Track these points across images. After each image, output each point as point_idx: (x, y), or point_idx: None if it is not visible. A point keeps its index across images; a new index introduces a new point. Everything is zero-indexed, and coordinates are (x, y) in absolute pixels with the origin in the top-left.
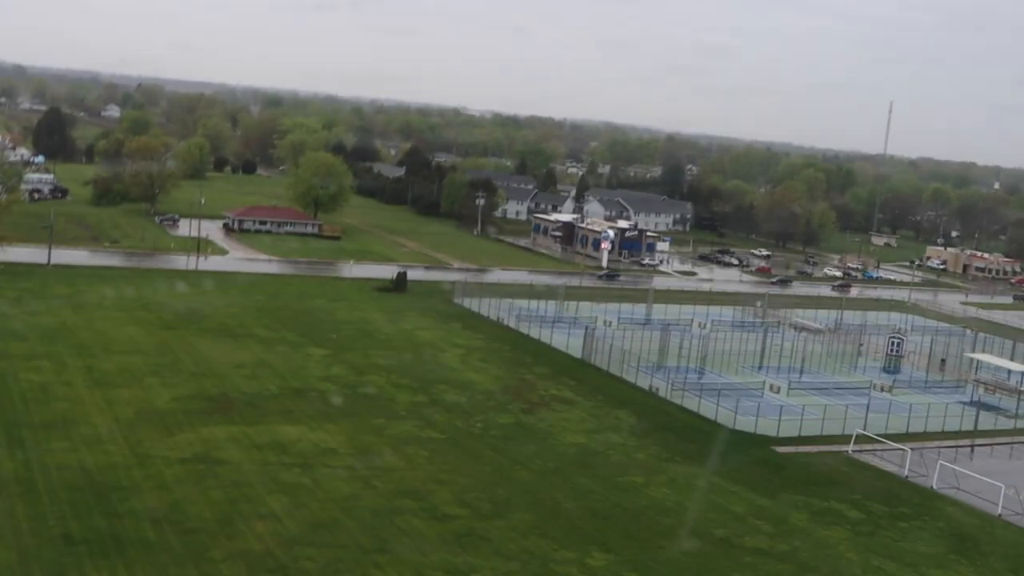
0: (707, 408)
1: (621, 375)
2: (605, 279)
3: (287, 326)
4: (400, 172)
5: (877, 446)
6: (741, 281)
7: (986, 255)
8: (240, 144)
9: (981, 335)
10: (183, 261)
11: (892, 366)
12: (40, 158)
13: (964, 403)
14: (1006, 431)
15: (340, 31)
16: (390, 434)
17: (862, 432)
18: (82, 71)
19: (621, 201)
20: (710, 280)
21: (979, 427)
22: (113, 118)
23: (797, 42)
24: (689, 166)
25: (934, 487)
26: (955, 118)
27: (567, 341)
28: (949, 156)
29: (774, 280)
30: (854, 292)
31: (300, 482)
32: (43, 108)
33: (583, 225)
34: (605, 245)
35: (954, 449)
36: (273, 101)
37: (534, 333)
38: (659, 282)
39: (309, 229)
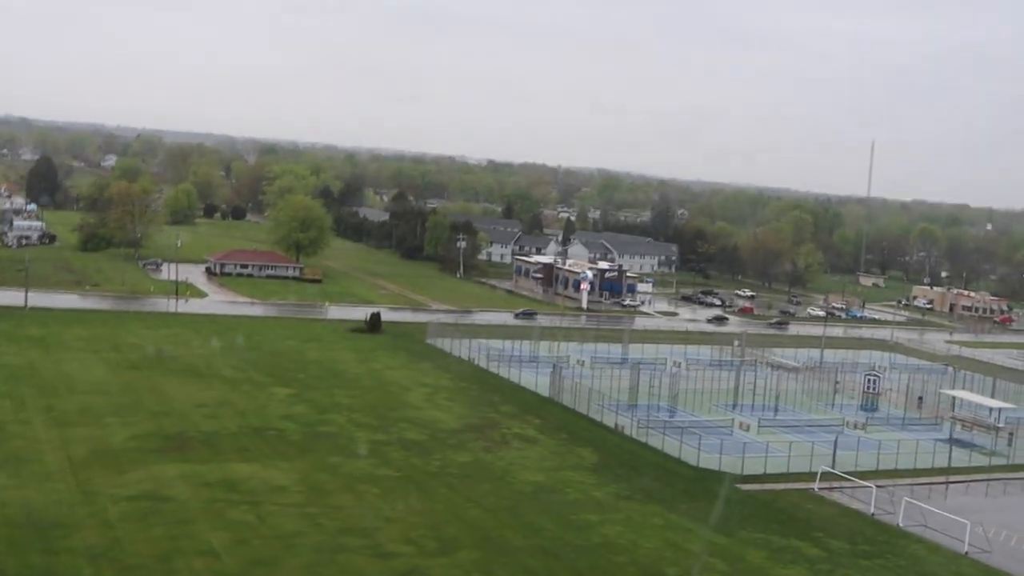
0: (672, 446)
1: (587, 413)
2: (585, 318)
3: (255, 366)
4: (386, 217)
5: (844, 484)
6: (721, 321)
7: (972, 294)
8: (231, 191)
9: (963, 372)
10: (163, 304)
11: (869, 403)
12: (32, 206)
13: (940, 440)
14: (981, 468)
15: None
16: (344, 472)
17: (828, 470)
18: (86, 123)
19: (605, 243)
20: (694, 320)
21: (953, 464)
22: (110, 167)
23: (789, 88)
24: (681, 210)
25: (900, 525)
26: (949, 161)
27: (536, 380)
28: (942, 199)
29: (773, 321)
30: (839, 331)
31: (245, 519)
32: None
33: (563, 267)
34: (584, 286)
35: (927, 486)
36: (269, 150)
37: (504, 372)
38: (640, 322)
39: (290, 272)
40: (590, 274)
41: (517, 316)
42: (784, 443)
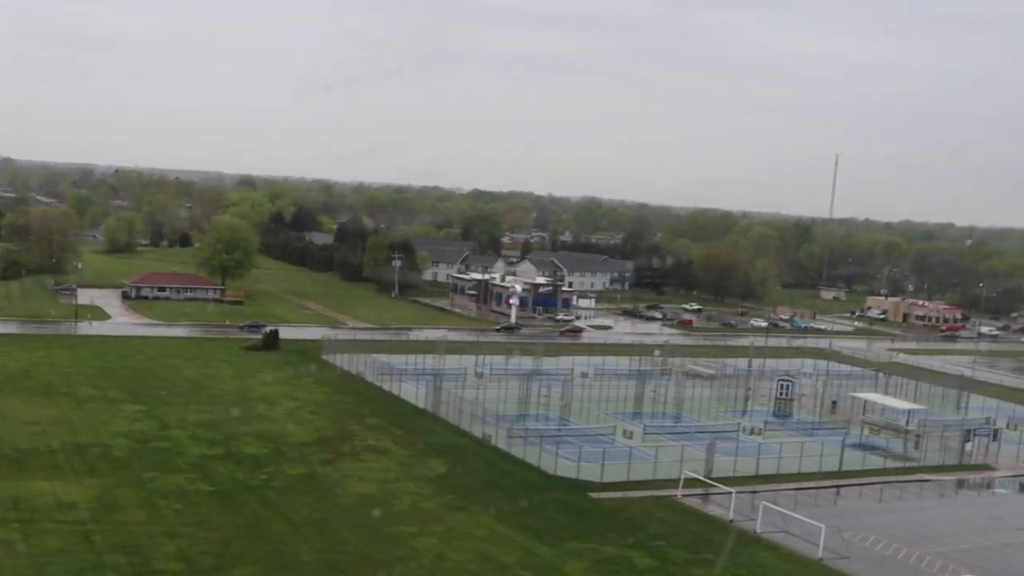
0: (535, 456)
1: (459, 425)
2: (505, 332)
3: (119, 384)
4: (331, 240)
5: (710, 490)
6: (662, 333)
7: (926, 304)
8: (187, 220)
9: (894, 378)
10: (63, 327)
11: (782, 409)
12: None
13: (849, 445)
14: (877, 471)
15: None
16: (152, 487)
17: (693, 475)
18: (74, 164)
19: (555, 261)
20: (645, 332)
21: (850, 467)
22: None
23: (777, 113)
24: (658, 233)
25: (758, 531)
26: (935, 181)
27: (417, 393)
28: (927, 218)
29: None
30: (782, 341)
31: (8, 538)
32: (12, 195)
33: (496, 283)
34: (512, 301)
35: (815, 491)
36: (247, 183)
37: (391, 386)
38: (569, 336)
39: (210, 294)
40: (519, 288)
41: (498, 331)
42: (673, 450)
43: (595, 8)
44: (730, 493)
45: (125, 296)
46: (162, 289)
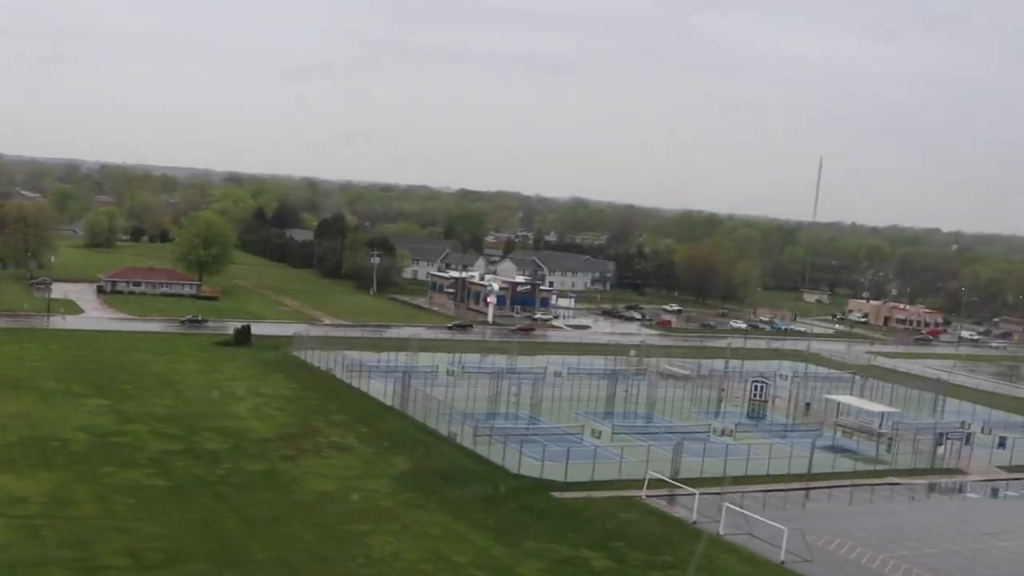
0: (500, 454)
1: (425, 423)
2: (456, 329)
3: (85, 379)
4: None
5: (675, 491)
6: (641, 333)
7: (907, 307)
8: (171, 216)
9: (871, 381)
10: (38, 321)
11: (756, 411)
12: None
13: (819, 447)
14: (846, 474)
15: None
16: (108, 483)
17: (658, 476)
18: (62, 159)
19: (536, 260)
20: (624, 332)
21: (820, 470)
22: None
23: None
24: (642, 234)
25: (721, 533)
26: (922, 186)
27: (386, 390)
28: (915, 223)
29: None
30: (762, 343)
31: None
32: None
33: (474, 281)
34: (490, 299)
35: (783, 493)
36: (234, 180)
37: (360, 383)
38: (549, 335)
39: (186, 290)
40: (496, 287)
41: (450, 328)
42: (640, 450)
43: (594, 8)
44: (694, 494)
45: (100, 291)
46: (137, 284)
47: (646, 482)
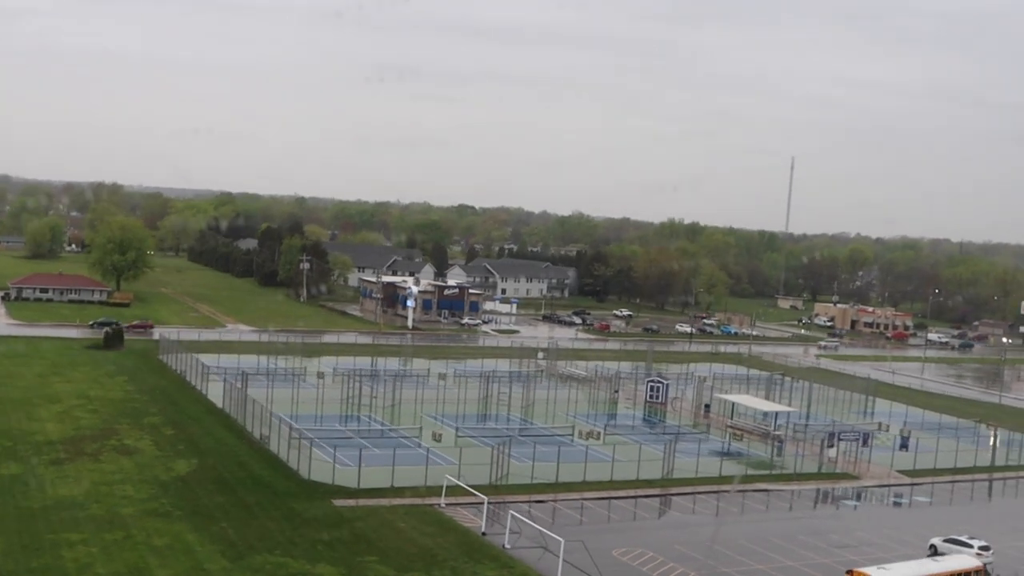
0: (302, 459)
1: (246, 425)
2: (411, 336)
3: None
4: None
5: (472, 498)
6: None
7: (875, 310)
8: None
9: (803, 382)
10: None
11: (652, 413)
12: None
13: (712, 450)
14: (698, 480)
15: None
16: None
17: (455, 482)
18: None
19: (488, 267)
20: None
21: (677, 475)
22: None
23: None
24: (610, 243)
25: (506, 545)
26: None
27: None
28: (923, 234)
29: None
30: (707, 347)
31: None
32: None
33: (399, 285)
34: (409, 302)
35: (633, 499)
36: (225, 200)
37: (208, 387)
38: (472, 339)
39: (96, 296)
40: (415, 290)
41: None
42: (476, 453)
43: (621, 30)
44: (482, 502)
45: (5, 297)
46: (44, 290)
47: (444, 489)
